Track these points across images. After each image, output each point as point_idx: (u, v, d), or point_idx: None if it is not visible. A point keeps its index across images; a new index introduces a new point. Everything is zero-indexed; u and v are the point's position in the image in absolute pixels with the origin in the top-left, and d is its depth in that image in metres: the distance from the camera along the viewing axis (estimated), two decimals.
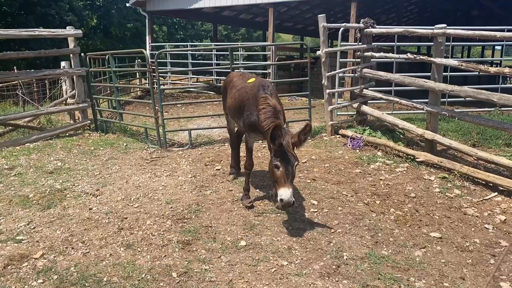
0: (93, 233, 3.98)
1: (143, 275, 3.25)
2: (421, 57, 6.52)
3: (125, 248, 3.69)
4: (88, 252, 3.61)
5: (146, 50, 16.64)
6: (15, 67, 13.84)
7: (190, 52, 16.45)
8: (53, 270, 3.30)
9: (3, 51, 8.10)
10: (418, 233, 4.22)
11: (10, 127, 8.33)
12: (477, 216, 4.72)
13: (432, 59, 6.20)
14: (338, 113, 9.11)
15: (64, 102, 9.40)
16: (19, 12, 24.42)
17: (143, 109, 12.34)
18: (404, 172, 6.09)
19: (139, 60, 15.36)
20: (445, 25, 6.10)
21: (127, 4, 17.04)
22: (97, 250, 3.64)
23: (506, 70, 5.05)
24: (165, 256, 3.56)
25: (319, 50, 7.95)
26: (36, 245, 3.72)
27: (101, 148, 7.60)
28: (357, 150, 7.15)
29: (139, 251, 3.64)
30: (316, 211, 4.62)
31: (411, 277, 3.40)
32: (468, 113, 7.24)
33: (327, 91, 7.95)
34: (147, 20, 16.84)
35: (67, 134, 8.66)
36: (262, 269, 3.40)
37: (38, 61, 23.18)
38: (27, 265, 3.37)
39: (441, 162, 6.02)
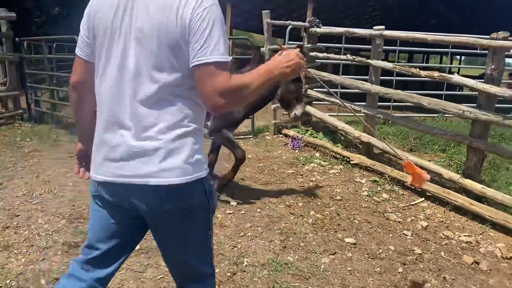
0: None
1: (8, 281, 2.88)
2: (359, 58, 6.37)
3: (1, 249, 3.30)
4: None
5: None
6: None
7: None
8: None
9: None
10: (332, 238, 4.01)
11: None
12: (399, 221, 4.57)
13: (369, 61, 6.06)
14: (284, 112, 8.89)
15: None
16: None
17: None
18: (337, 174, 5.91)
19: None
20: (383, 27, 5.97)
21: None
22: None
23: (436, 74, 4.94)
24: (43, 259, 3.19)
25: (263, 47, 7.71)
26: None
27: (28, 140, 7.10)
28: (297, 151, 6.95)
29: (16, 253, 3.26)
30: (232, 213, 4.36)
31: (310, 286, 3.17)
32: (410, 118, 7.19)
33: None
34: None
35: None
36: (149, 275, 3.09)
37: None
38: None
39: (374, 165, 5.88)
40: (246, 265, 3.36)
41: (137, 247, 3.42)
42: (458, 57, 30.61)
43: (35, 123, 8.43)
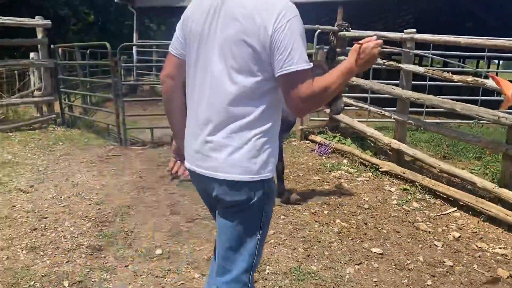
0: (1, 233, 3.67)
1: (32, 283, 2.93)
2: (390, 62, 6.22)
3: (28, 251, 3.37)
4: None
5: (133, 47, 16.44)
6: None
7: (156, 50, 16.06)
8: None
9: None
10: (358, 248, 3.89)
11: None
12: (429, 232, 4.39)
13: (399, 65, 5.90)
14: (311, 117, 8.81)
15: (31, 94, 9.10)
16: (13, 4, 24.16)
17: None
18: (365, 181, 5.77)
19: (124, 57, 15.08)
20: (414, 30, 5.82)
21: (115, 0, 16.77)
22: None
23: (469, 79, 4.75)
24: (67, 262, 3.24)
25: None
26: None
27: (60, 143, 7.31)
28: (323, 157, 6.85)
29: (41, 255, 3.32)
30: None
31: None
32: (442, 124, 6.96)
33: None
34: (134, 17, 16.56)
35: (31, 127, 8.37)
36: (169, 281, 3.08)
37: (15, 53, 22.89)
38: None
39: (404, 173, 5.70)
40: (268, 273, 3.31)
41: (159, 251, 3.44)
42: (496, 61, 29.53)
43: (67, 127, 8.67)
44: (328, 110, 6.54)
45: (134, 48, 15.68)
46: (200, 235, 3.85)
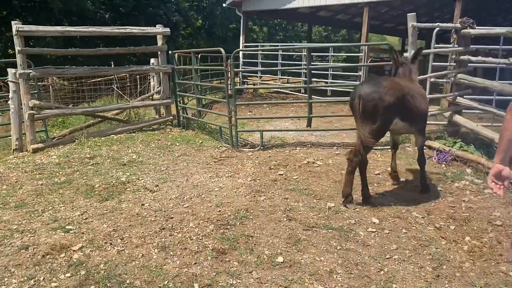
0: (135, 230, 3.96)
1: (166, 282, 3.10)
2: None
3: (159, 250, 3.59)
4: (123, 250, 3.58)
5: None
6: (112, 63, 14.98)
7: (261, 52, 16.24)
8: (84, 265, 3.31)
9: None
10: (494, 271, 3.50)
11: (99, 119, 8.93)
12: None
13: None
14: (428, 122, 8.21)
15: (151, 97, 9.84)
16: (133, 13, 26.51)
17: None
18: (494, 194, 5.20)
19: (231, 60, 15.58)
20: None
21: (224, 5, 17.46)
22: (132, 249, 3.60)
23: None
24: (195, 263, 3.38)
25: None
26: (79, 237, 3.80)
27: (177, 144, 7.77)
28: (443, 165, 6.35)
29: (171, 255, 3.52)
30: (374, 231, 4.11)
31: None
32: None
33: None
34: (241, 21, 17.07)
35: (151, 128, 9.05)
36: None
37: (134, 58, 24.93)
38: (64, 257, 3.44)
39: None
40: None
41: (280, 259, 3.43)
42: None
43: (182, 128, 9.21)
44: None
45: (241, 52, 16.17)
46: (319, 245, 3.77)
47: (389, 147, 7.19)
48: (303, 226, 4.12)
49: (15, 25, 6.99)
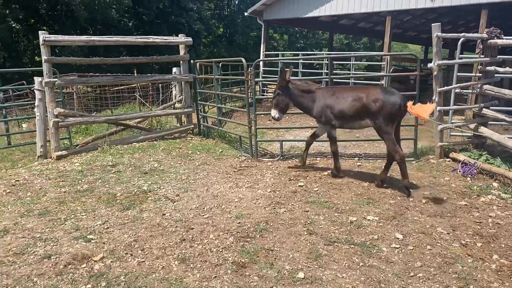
0: (156, 241, 3.96)
1: None
2: None
3: (180, 262, 3.57)
4: (144, 261, 3.57)
5: (260, 57, 16.99)
6: (134, 70, 15.21)
7: (281, 61, 16.13)
8: (104, 276, 3.32)
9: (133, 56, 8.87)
10: None
11: (121, 126, 9.04)
12: None
13: None
14: (452, 133, 8.06)
15: (172, 106, 9.92)
16: (156, 21, 26.93)
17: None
18: None
19: (251, 69, 15.64)
20: None
21: (245, 14, 17.54)
22: (152, 260, 3.59)
23: None
24: (215, 277, 3.35)
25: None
26: (100, 247, 3.82)
27: (198, 153, 7.79)
28: (468, 178, 6.18)
29: (191, 267, 3.49)
30: (398, 248, 4.00)
31: None
32: None
33: (438, 108, 7.05)
34: (262, 29, 17.12)
35: (172, 137, 9.11)
36: None
37: (156, 66, 25.28)
38: (85, 267, 3.45)
39: None
40: None
41: (301, 275, 3.36)
42: None
43: (203, 137, 9.24)
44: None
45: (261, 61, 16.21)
46: (341, 261, 3.69)
47: (412, 158, 7.08)
48: (324, 241, 4.05)
49: (42, 35, 7.15)
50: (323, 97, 5.97)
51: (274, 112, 6.16)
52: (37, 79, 7.57)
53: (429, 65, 7.10)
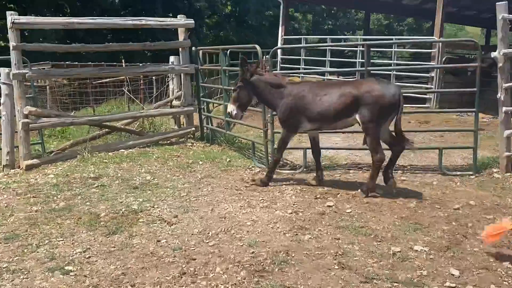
0: (149, 275, 3.99)
1: None
2: None
3: None
4: None
5: (278, 42, 17.06)
6: (123, 60, 15.36)
7: (303, 48, 16.17)
8: None
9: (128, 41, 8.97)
10: None
11: (106, 129, 9.14)
12: None
13: None
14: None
15: (169, 103, 9.99)
16: None
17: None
18: None
19: (266, 57, 15.71)
20: None
21: None
22: None
23: None
24: None
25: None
26: (81, 281, 3.87)
27: (200, 162, 7.86)
28: None
29: None
30: (454, 287, 3.97)
31: None
32: None
33: (504, 108, 7.00)
34: (281, 7, 17.18)
35: (168, 142, 9.21)
36: None
37: (148, 53, 25.48)
38: None
39: None
40: None
41: None
42: None
43: (206, 142, 9.30)
44: None
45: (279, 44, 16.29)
46: None
47: (471, 172, 7.03)
48: (360, 277, 4.04)
49: (10, 16, 7.23)
50: (294, 95, 6.24)
51: (231, 108, 6.51)
52: (3, 71, 7.70)
53: (493, 54, 7.05)
